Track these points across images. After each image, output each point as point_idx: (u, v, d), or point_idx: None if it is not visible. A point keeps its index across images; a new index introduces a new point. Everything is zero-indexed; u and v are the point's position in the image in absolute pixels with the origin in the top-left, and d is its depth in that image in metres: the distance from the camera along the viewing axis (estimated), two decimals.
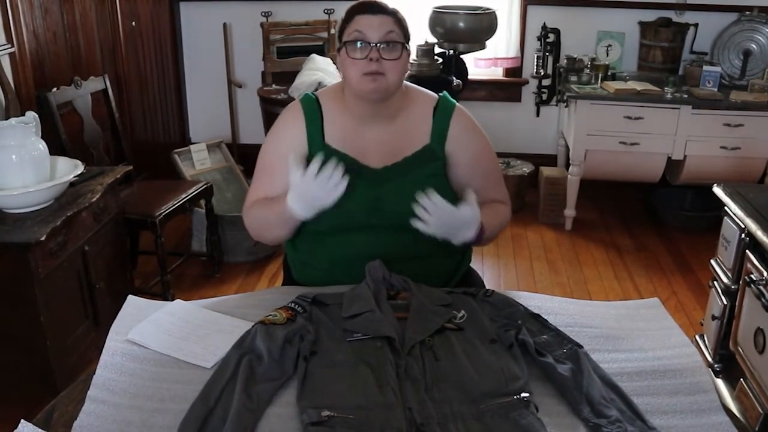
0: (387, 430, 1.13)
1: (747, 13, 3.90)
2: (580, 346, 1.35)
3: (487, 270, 3.54)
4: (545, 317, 1.44)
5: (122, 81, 3.76)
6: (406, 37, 1.63)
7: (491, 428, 1.14)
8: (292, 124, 1.71)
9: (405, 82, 1.71)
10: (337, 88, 1.73)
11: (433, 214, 1.53)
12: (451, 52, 3.81)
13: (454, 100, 1.76)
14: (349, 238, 1.66)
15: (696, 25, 4.05)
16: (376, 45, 1.57)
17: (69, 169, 2.47)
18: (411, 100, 1.72)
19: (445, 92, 1.78)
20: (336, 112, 1.70)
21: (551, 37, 4.17)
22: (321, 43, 4.24)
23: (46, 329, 2.24)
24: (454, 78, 3.74)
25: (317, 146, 1.68)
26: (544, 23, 4.17)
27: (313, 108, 1.70)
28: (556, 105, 4.34)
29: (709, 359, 2.36)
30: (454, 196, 1.73)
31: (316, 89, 3.42)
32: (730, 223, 2.24)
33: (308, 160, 1.68)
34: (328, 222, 1.67)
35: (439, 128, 1.71)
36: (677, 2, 4.07)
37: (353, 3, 1.66)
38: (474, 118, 1.78)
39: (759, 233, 1.98)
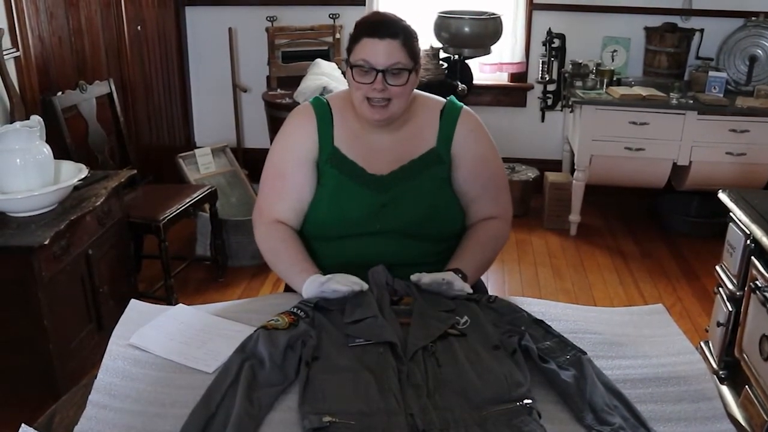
0: None
1: (753, 18, 3.89)
2: (584, 353, 1.34)
3: (491, 276, 3.53)
4: (549, 323, 1.43)
5: (127, 85, 3.77)
6: (415, 57, 1.59)
7: None
8: (303, 127, 1.70)
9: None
10: (346, 94, 1.71)
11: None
12: (456, 57, 3.82)
13: (462, 103, 1.75)
14: (353, 244, 1.65)
15: (702, 31, 4.05)
16: (382, 72, 1.54)
17: (73, 172, 2.47)
18: (419, 107, 1.71)
19: (452, 96, 1.77)
20: (345, 119, 1.69)
21: (556, 43, 4.17)
22: (326, 47, 4.24)
23: (49, 333, 2.24)
24: (459, 83, 3.75)
25: (327, 149, 1.67)
26: (550, 28, 4.16)
27: (324, 111, 1.70)
28: (561, 110, 4.34)
29: (714, 366, 2.35)
30: (456, 202, 1.72)
31: (321, 94, 3.42)
32: (736, 229, 2.23)
33: (318, 164, 1.68)
34: (332, 229, 1.67)
35: (445, 131, 1.70)
36: (683, 8, 4.07)
37: (363, 19, 1.62)
38: (482, 122, 1.76)
39: (764, 240, 1.97)
